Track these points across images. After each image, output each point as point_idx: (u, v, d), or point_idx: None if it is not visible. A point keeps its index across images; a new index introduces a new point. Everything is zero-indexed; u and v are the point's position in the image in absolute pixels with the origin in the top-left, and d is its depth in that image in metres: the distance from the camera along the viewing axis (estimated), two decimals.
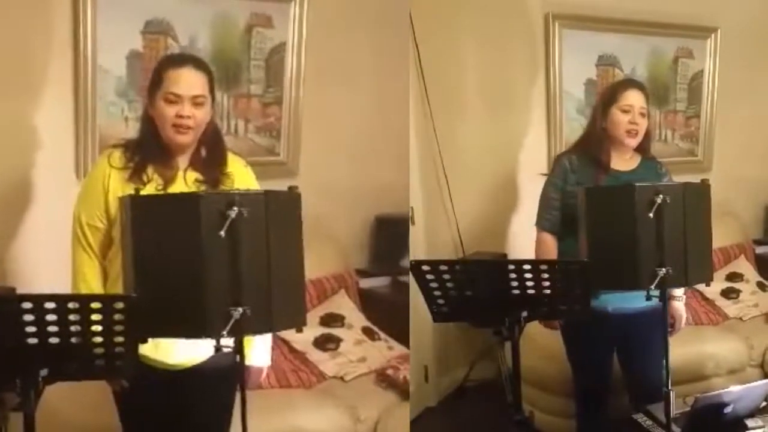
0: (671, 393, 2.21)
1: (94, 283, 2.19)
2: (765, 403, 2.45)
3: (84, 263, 2.19)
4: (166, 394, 2.17)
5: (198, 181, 2.20)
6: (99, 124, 3.20)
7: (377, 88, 3.92)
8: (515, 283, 2.06)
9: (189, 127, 2.14)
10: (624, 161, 2.73)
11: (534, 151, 4.01)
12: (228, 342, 1.79)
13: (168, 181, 2.17)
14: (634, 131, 2.66)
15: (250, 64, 3.61)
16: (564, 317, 2.48)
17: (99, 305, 1.66)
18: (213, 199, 1.78)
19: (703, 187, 2.31)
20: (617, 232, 2.21)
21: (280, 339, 3.24)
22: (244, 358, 1.84)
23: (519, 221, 3.90)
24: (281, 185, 1.91)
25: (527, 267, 2.05)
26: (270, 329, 1.97)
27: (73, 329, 1.67)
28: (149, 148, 2.19)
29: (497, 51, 3.98)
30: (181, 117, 2.13)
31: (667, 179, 2.75)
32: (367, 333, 3.53)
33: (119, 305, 1.67)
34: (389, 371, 3.24)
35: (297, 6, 3.67)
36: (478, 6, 3.89)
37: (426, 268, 2.07)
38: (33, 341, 1.66)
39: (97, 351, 1.71)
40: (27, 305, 1.63)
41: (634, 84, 2.76)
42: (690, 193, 2.23)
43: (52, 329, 1.65)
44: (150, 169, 2.18)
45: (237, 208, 1.74)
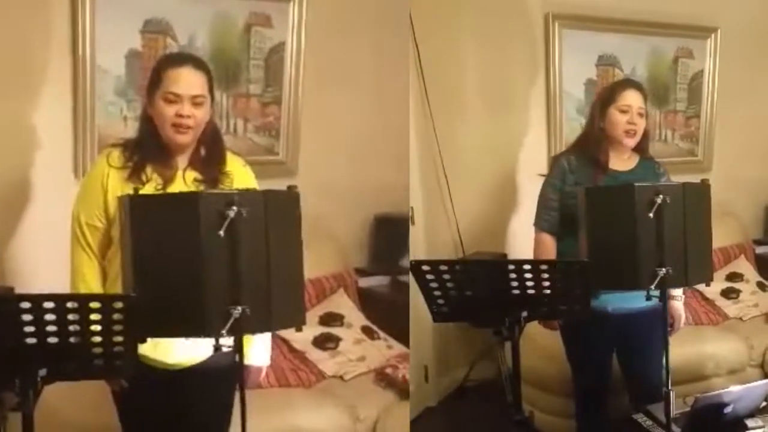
0: (671, 393, 2.20)
1: (93, 283, 2.18)
2: (765, 403, 2.45)
3: (83, 263, 2.19)
4: (165, 393, 2.16)
5: (197, 181, 2.19)
6: (98, 123, 3.20)
7: (376, 87, 3.92)
8: (515, 283, 2.05)
9: (189, 127, 2.14)
10: (622, 161, 2.72)
11: (534, 151, 4.01)
12: (227, 341, 1.79)
13: (167, 181, 2.17)
14: (632, 131, 2.65)
15: (249, 63, 3.61)
16: (564, 317, 2.47)
17: (98, 305, 1.66)
18: (212, 199, 1.78)
19: (703, 187, 2.31)
20: (617, 232, 2.20)
21: (279, 338, 3.24)
22: (243, 357, 1.83)
23: (519, 221, 3.89)
24: (280, 185, 1.91)
25: (527, 267, 2.04)
26: (269, 328, 1.97)
27: (72, 329, 1.66)
28: (148, 147, 2.18)
29: (497, 51, 3.98)
30: (181, 117, 2.12)
31: (665, 179, 2.74)
32: (367, 332, 3.53)
33: (118, 305, 1.66)
34: (388, 370, 3.24)
35: (296, 6, 3.67)
36: (478, 6, 3.89)
37: (426, 268, 2.07)
38: (32, 341, 1.65)
39: (96, 351, 1.70)
40: (26, 305, 1.62)
41: (632, 84, 2.76)
42: (690, 193, 2.22)
43: (50, 329, 1.65)
44: (149, 169, 2.17)
45: (236, 207, 1.73)
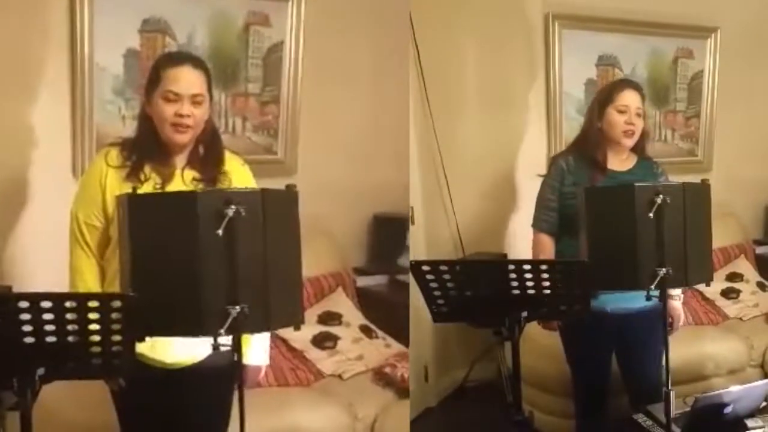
0: (671, 393, 2.20)
1: (91, 282, 2.18)
2: (765, 403, 2.45)
3: (82, 262, 2.18)
4: (164, 393, 2.16)
5: (196, 180, 2.19)
6: (96, 122, 3.20)
7: (375, 86, 3.92)
8: (515, 283, 2.05)
9: (188, 126, 2.13)
10: (620, 161, 2.72)
11: (534, 152, 4.01)
12: (226, 341, 1.78)
13: (166, 180, 2.17)
14: (630, 131, 2.65)
15: (247, 62, 3.61)
16: (564, 317, 2.47)
17: (96, 304, 1.65)
18: (210, 198, 1.77)
19: (703, 187, 2.30)
20: (617, 232, 2.20)
21: (278, 337, 3.24)
22: (241, 356, 1.83)
23: (519, 221, 3.88)
24: (279, 184, 1.91)
25: (527, 267, 2.04)
26: (267, 327, 1.96)
27: (70, 328, 1.66)
28: (147, 146, 2.18)
29: (497, 51, 3.97)
30: (181, 116, 2.12)
31: (663, 179, 2.74)
32: (365, 331, 3.53)
33: (116, 304, 1.66)
34: (387, 369, 3.23)
35: (294, 5, 3.67)
36: (478, 6, 3.89)
37: (426, 268, 2.07)
38: (30, 340, 1.65)
39: (94, 350, 1.70)
40: (24, 304, 1.61)
41: (629, 84, 2.75)
42: (690, 193, 2.22)
43: (49, 328, 1.64)
44: (147, 168, 2.17)
45: (234, 206, 1.73)
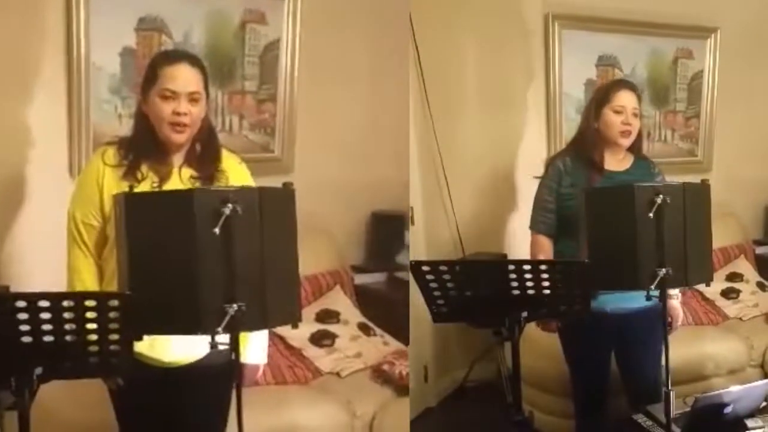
0: (671, 393, 2.19)
1: (89, 282, 2.17)
2: (765, 403, 2.45)
3: (79, 261, 2.18)
4: (162, 392, 2.15)
5: (193, 178, 2.18)
6: (92, 121, 3.19)
7: (372, 84, 3.92)
8: (515, 284, 2.04)
9: (186, 125, 2.13)
10: (617, 161, 2.72)
11: (534, 152, 4.00)
12: (224, 339, 1.78)
13: (163, 178, 2.16)
14: (627, 131, 2.65)
15: (244, 60, 3.60)
16: (564, 317, 2.46)
17: (94, 303, 1.64)
18: (207, 196, 1.76)
19: (703, 188, 2.30)
20: (617, 232, 2.20)
21: (276, 335, 3.24)
22: (238, 355, 1.82)
23: (519, 221, 3.87)
24: (276, 182, 1.90)
25: (527, 267, 2.03)
26: (265, 325, 1.96)
27: (68, 327, 1.65)
28: (144, 145, 2.17)
29: (497, 51, 3.97)
30: (178, 114, 2.11)
31: (661, 178, 2.74)
32: (363, 329, 3.53)
33: (114, 303, 1.65)
34: (385, 367, 3.23)
35: (290, 2, 3.67)
36: (478, 6, 3.89)
37: (426, 268, 2.06)
38: (27, 340, 1.64)
39: (92, 349, 1.69)
40: (21, 304, 1.61)
41: (626, 85, 2.75)
42: (690, 194, 2.21)
43: (46, 328, 1.64)
44: (144, 167, 2.16)
45: (231, 204, 1.72)
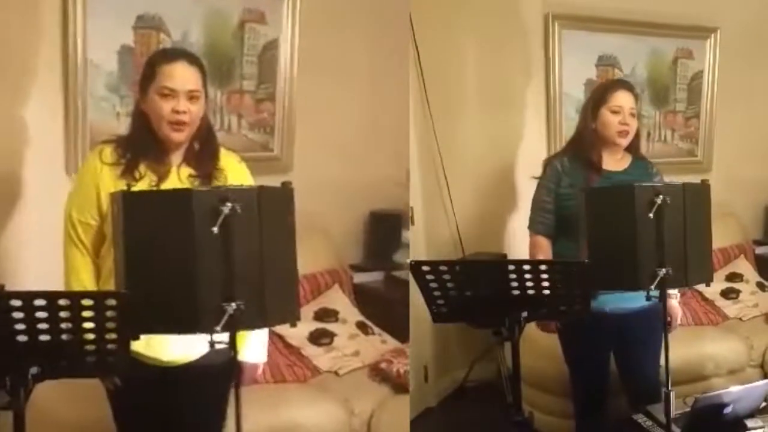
0: (671, 393, 2.19)
1: (87, 281, 2.17)
2: (765, 404, 2.45)
3: (77, 260, 2.17)
4: (160, 391, 2.14)
5: (192, 176, 2.18)
6: (90, 119, 3.18)
7: (371, 84, 3.92)
8: (515, 284, 2.04)
9: (185, 123, 2.12)
10: (615, 161, 2.72)
11: (534, 152, 3.98)
12: (222, 338, 1.77)
13: (161, 177, 2.15)
14: (625, 131, 2.65)
15: (243, 59, 3.60)
16: (564, 318, 2.45)
17: (90, 302, 1.64)
18: (206, 195, 1.76)
19: (703, 188, 2.30)
20: (617, 232, 2.19)
21: (274, 334, 3.23)
22: (237, 353, 1.82)
23: (519, 221, 3.86)
24: (275, 181, 1.89)
25: (527, 267, 2.03)
26: (264, 324, 1.95)
27: (64, 326, 1.64)
28: (142, 143, 2.16)
29: (497, 51, 3.97)
30: (177, 112, 2.10)
31: (659, 179, 2.74)
32: (361, 327, 3.54)
33: (111, 302, 1.64)
34: (383, 365, 3.23)
35: (290, 2, 3.66)
36: (478, 6, 3.88)
37: (426, 268, 2.05)
38: (23, 339, 1.63)
39: (89, 348, 1.68)
40: (16, 303, 1.60)
41: (623, 85, 2.76)
42: (690, 194, 2.21)
43: (42, 327, 1.63)
44: (142, 166, 2.15)
45: (230, 203, 1.72)
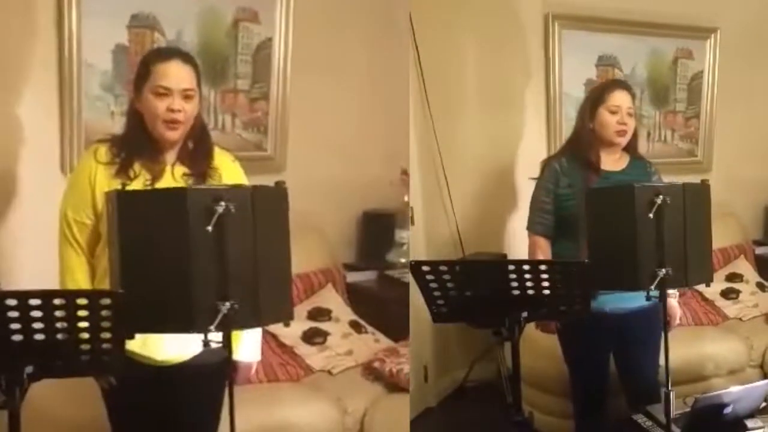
0: (671, 393, 2.18)
1: (82, 280, 2.16)
2: (765, 404, 2.44)
3: (72, 260, 2.17)
4: (154, 390, 2.14)
5: (186, 175, 2.18)
6: (85, 119, 3.17)
7: (365, 83, 3.91)
8: (515, 284, 2.03)
9: (179, 122, 2.12)
10: (613, 161, 2.71)
11: (534, 152, 3.98)
12: (216, 337, 1.77)
13: (156, 176, 2.15)
14: (623, 131, 2.65)
15: (237, 59, 3.59)
16: (564, 318, 2.45)
17: (85, 301, 1.63)
18: (200, 194, 1.76)
19: (703, 188, 2.30)
20: (617, 232, 2.19)
21: (268, 333, 3.24)
22: (231, 353, 1.81)
23: (519, 221, 3.85)
24: (269, 180, 1.89)
25: (527, 267, 2.03)
26: (258, 323, 1.95)
27: (59, 326, 1.64)
28: (136, 142, 2.16)
29: (497, 51, 3.97)
30: (172, 111, 2.10)
31: (656, 178, 2.74)
32: (354, 326, 3.54)
33: (105, 301, 1.64)
34: (376, 364, 3.23)
35: (283, 1, 3.65)
36: (478, 6, 3.88)
37: (426, 268, 2.05)
38: (18, 338, 1.63)
39: (84, 347, 1.68)
40: (11, 302, 1.60)
41: (620, 84, 2.76)
42: (690, 194, 2.21)
43: (37, 326, 1.63)
44: (137, 165, 2.15)
45: (224, 203, 1.72)
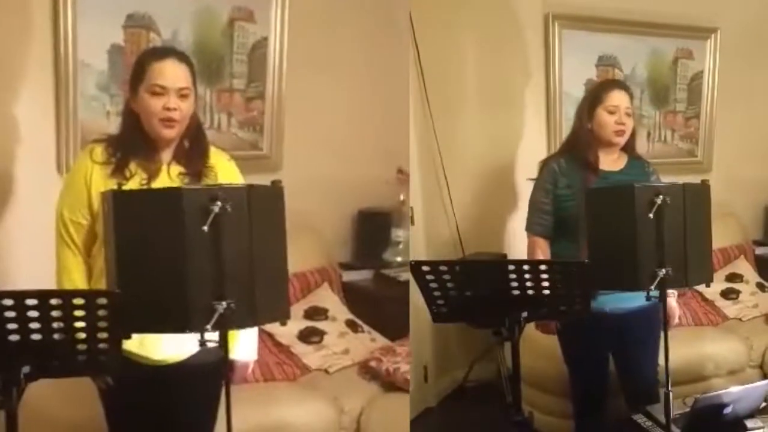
0: (670, 394, 2.18)
1: (79, 280, 2.16)
2: (765, 404, 2.43)
3: (68, 260, 2.17)
4: (151, 390, 2.13)
5: (182, 174, 2.17)
6: (80, 118, 3.17)
7: (362, 82, 3.92)
8: (515, 284, 2.03)
9: (175, 120, 2.12)
10: (611, 161, 2.71)
11: (534, 152, 3.97)
12: (213, 337, 1.77)
13: (152, 176, 2.15)
14: (621, 131, 2.65)
15: (232, 58, 3.59)
16: (564, 318, 2.45)
17: (82, 301, 1.63)
18: (196, 194, 1.75)
19: (703, 188, 2.30)
20: (617, 232, 2.19)
21: (264, 332, 3.23)
22: (227, 352, 1.81)
23: (519, 221, 3.84)
24: (264, 180, 1.89)
25: (527, 267, 2.02)
26: (254, 323, 1.94)
27: (56, 326, 1.64)
28: (131, 142, 2.16)
29: (497, 51, 3.97)
30: (168, 109, 2.10)
31: (655, 178, 2.74)
32: (351, 325, 3.54)
33: (102, 301, 1.64)
34: (372, 363, 3.23)
35: (279, 1, 3.65)
36: (478, 6, 3.88)
37: (426, 268, 2.05)
38: (15, 338, 1.63)
39: (80, 347, 1.68)
40: (8, 302, 1.59)
41: (618, 84, 2.76)
42: (690, 194, 2.21)
43: (34, 326, 1.62)
44: (133, 164, 2.15)
45: (220, 202, 1.71)
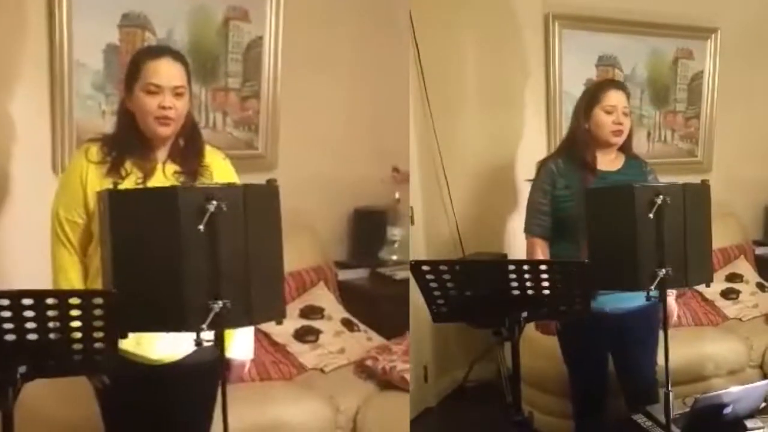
0: (671, 394, 2.17)
1: (75, 280, 2.16)
2: (764, 404, 2.43)
3: (64, 259, 2.16)
4: (148, 389, 2.13)
5: (177, 173, 2.17)
6: (76, 118, 3.17)
7: (357, 81, 3.92)
8: (515, 284, 2.03)
9: (171, 119, 2.11)
10: (609, 161, 2.71)
11: (534, 151, 3.97)
12: (209, 336, 1.76)
13: (147, 175, 2.15)
14: (619, 131, 2.65)
15: (227, 57, 3.60)
16: (564, 318, 2.45)
17: (78, 301, 1.63)
18: (191, 193, 1.75)
19: (703, 188, 2.30)
20: (617, 232, 2.19)
21: (260, 331, 3.23)
22: (224, 351, 1.81)
23: (519, 221, 3.84)
24: (260, 179, 1.88)
25: (527, 267, 2.02)
26: (250, 322, 1.94)
27: (52, 325, 1.63)
28: (127, 141, 2.16)
29: (497, 51, 3.97)
30: (163, 108, 2.10)
31: (652, 177, 2.73)
32: (347, 324, 3.54)
33: (98, 301, 1.63)
34: (368, 362, 3.23)
35: (273, 0, 3.65)
36: (478, 5, 3.88)
37: (426, 268, 2.04)
38: (11, 338, 1.62)
39: (77, 347, 1.68)
40: (4, 302, 1.59)
41: (615, 84, 2.76)
42: (690, 194, 2.21)
43: (30, 326, 1.62)
44: (128, 163, 2.15)
45: (216, 201, 1.71)
